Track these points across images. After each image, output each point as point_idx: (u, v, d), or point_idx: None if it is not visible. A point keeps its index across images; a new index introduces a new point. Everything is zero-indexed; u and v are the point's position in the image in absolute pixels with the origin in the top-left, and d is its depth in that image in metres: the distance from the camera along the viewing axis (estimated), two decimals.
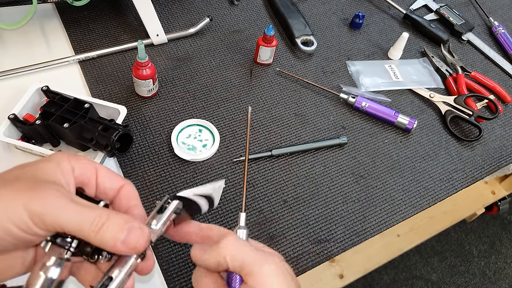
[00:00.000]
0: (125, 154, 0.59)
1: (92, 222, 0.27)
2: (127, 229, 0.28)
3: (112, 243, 0.28)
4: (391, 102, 0.72)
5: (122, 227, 0.28)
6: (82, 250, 0.30)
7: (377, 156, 0.66)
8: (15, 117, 0.54)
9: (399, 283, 1.42)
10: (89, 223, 0.27)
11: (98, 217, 0.28)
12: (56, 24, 0.72)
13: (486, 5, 0.92)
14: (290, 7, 0.80)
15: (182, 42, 0.74)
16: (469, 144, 0.70)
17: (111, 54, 0.69)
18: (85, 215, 0.28)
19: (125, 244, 0.28)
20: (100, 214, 0.28)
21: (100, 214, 0.28)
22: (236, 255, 0.32)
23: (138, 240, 0.28)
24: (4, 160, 0.56)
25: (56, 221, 0.27)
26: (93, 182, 0.32)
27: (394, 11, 0.87)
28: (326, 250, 0.56)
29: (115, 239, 0.27)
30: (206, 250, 0.34)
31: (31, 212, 0.26)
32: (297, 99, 0.70)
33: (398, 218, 0.60)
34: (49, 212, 0.27)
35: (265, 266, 0.32)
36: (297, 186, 0.60)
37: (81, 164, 0.32)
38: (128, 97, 0.65)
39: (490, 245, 1.55)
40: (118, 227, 0.28)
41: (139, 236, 0.29)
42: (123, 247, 0.28)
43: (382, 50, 0.80)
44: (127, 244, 0.28)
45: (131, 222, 0.29)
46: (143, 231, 0.29)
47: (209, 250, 0.33)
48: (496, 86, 0.76)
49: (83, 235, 0.28)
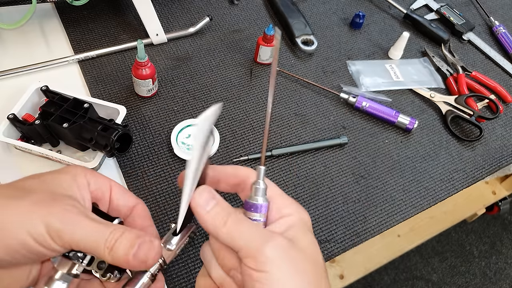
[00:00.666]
0: (125, 154, 0.59)
1: (107, 239, 0.27)
2: (138, 244, 0.28)
3: (124, 259, 0.27)
4: (391, 102, 0.72)
5: (134, 242, 0.28)
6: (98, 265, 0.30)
7: (377, 156, 0.65)
8: (14, 117, 0.54)
9: (400, 284, 1.41)
10: (104, 240, 0.27)
11: (112, 234, 0.28)
12: (55, 24, 0.72)
13: (486, 4, 0.92)
14: (290, 7, 0.79)
15: (182, 42, 0.73)
16: (469, 144, 0.69)
17: (111, 54, 0.69)
18: (100, 232, 0.27)
19: (136, 257, 0.27)
20: (114, 231, 0.28)
21: (114, 231, 0.28)
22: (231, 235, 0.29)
23: (148, 253, 0.28)
24: (3, 160, 0.56)
25: (73, 239, 0.27)
26: (107, 198, 0.32)
27: (394, 10, 0.87)
28: (326, 250, 0.56)
29: (127, 254, 0.27)
30: None
31: (49, 227, 0.26)
32: (297, 99, 0.70)
33: (398, 218, 0.60)
34: (66, 229, 0.27)
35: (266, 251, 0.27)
36: (297, 186, 0.60)
37: (97, 179, 0.32)
38: (128, 97, 0.65)
39: (490, 246, 1.54)
40: (130, 242, 0.28)
41: (149, 250, 0.28)
42: (134, 261, 0.27)
43: (383, 50, 0.80)
44: (138, 257, 0.27)
45: (143, 237, 0.28)
46: (153, 244, 0.28)
47: None
48: (497, 86, 0.76)
49: (97, 253, 0.27)
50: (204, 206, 0.29)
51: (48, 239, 0.26)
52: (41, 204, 0.27)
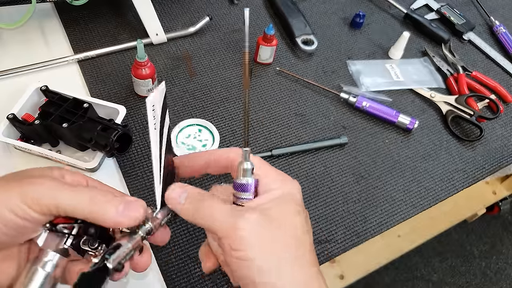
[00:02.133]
0: (125, 154, 0.59)
1: (92, 199, 0.28)
2: (125, 202, 0.29)
3: (113, 215, 0.28)
4: (392, 102, 0.71)
5: (120, 200, 0.29)
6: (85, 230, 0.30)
7: (377, 156, 0.65)
8: (14, 117, 0.54)
9: (400, 284, 1.41)
10: (88, 199, 0.28)
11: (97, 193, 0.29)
12: (55, 24, 0.72)
13: (487, 4, 0.92)
14: (290, 6, 0.79)
15: (182, 42, 0.73)
16: (470, 144, 0.69)
17: (110, 54, 0.69)
18: (83, 193, 0.29)
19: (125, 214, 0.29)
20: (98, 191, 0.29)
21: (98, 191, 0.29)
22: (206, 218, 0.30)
23: (137, 210, 0.30)
24: (3, 160, 0.56)
25: (53, 202, 0.27)
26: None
27: (395, 10, 0.86)
28: (326, 250, 0.56)
29: (115, 211, 0.29)
30: None
31: (26, 197, 0.27)
32: (297, 98, 0.70)
33: (398, 218, 0.60)
34: (44, 194, 0.27)
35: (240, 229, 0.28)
36: None
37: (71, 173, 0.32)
38: (128, 97, 0.65)
39: (491, 246, 1.54)
40: (117, 201, 0.29)
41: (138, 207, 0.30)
42: (123, 217, 0.29)
43: (383, 50, 0.80)
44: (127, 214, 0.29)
45: (128, 197, 0.30)
46: (139, 203, 0.30)
47: None
48: (497, 86, 0.76)
49: (82, 212, 0.28)
50: (177, 200, 0.31)
51: (26, 209, 0.27)
52: (15, 180, 0.28)
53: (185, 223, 0.54)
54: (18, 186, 0.28)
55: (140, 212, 0.30)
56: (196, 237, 0.53)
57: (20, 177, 0.29)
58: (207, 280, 0.51)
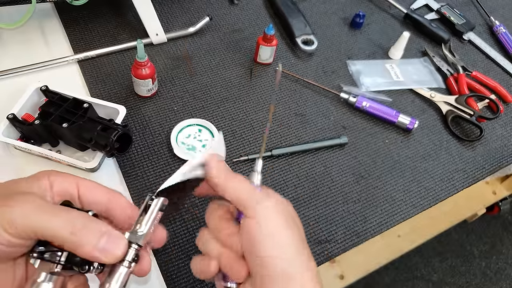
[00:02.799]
0: (125, 154, 0.59)
1: (70, 226, 0.27)
2: (107, 234, 0.28)
3: (88, 249, 0.27)
4: (392, 102, 0.71)
5: (102, 232, 0.28)
6: (71, 260, 0.29)
7: (377, 156, 0.65)
8: (14, 117, 0.54)
9: (400, 284, 1.41)
10: (66, 226, 0.27)
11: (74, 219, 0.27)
12: (55, 24, 0.72)
13: (487, 4, 0.92)
14: (290, 6, 0.79)
15: (182, 42, 0.73)
16: (470, 144, 0.69)
17: (110, 54, 0.69)
18: (61, 218, 0.27)
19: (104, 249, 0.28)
20: (76, 217, 0.28)
21: (77, 217, 0.28)
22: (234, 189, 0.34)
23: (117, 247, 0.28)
24: (3, 160, 0.56)
25: (29, 226, 0.26)
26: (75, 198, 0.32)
27: (395, 10, 0.86)
28: (326, 250, 0.56)
29: (91, 245, 0.27)
30: None
31: (2, 220, 0.26)
32: (297, 98, 0.70)
33: (398, 218, 0.60)
34: (21, 218, 0.26)
35: (261, 203, 0.33)
36: (297, 186, 0.60)
37: (62, 180, 0.31)
38: (128, 97, 0.65)
39: (491, 246, 1.54)
40: (98, 232, 0.28)
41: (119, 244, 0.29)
42: (101, 253, 0.28)
43: (383, 50, 0.80)
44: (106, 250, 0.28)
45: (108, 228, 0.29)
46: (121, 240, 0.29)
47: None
48: (497, 86, 0.76)
49: (60, 239, 0.27)
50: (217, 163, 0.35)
51: (2, 232, 0.26)
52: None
53: (185, 222, 0.54)
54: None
55: (121, 250, 0.29)
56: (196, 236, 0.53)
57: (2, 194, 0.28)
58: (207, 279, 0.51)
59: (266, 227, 0.32)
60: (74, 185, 0.32)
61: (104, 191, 0.33)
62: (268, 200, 0.34)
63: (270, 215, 0.33)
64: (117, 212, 0.33)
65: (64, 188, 0.31)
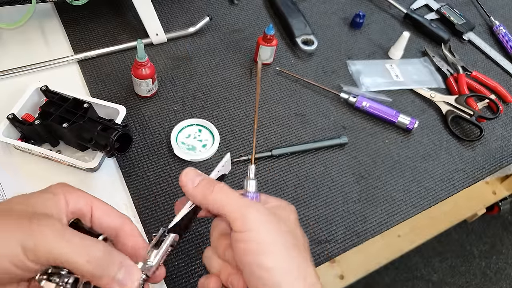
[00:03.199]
0: (125, 154, 0.59)
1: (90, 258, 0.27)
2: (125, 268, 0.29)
3: (107, 280, 0.28)
4: (391, 102, 0.71)
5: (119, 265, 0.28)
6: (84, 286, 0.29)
7: (377, 156, 0.65)
8: (14, 117, 0.54)
9: (400, 284, 1.41)
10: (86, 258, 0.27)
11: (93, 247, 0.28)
12: (55, 24, 0.72)
13: (487, 4, 0.92)
14: (290, 6, 0.79)
15: (182, 42, 0.73)
16: (470, 144, 0.69)
17: (111, 54, 0.69)
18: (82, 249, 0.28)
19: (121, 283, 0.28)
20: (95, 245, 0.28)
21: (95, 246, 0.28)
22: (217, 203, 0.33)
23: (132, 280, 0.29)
24: (3, 160, 0.56)
25: (48, 252, 0.27)
26: (88, 218, 0.32)
27: (394, 10, 0.86)
28: (326, 250, 0.56)
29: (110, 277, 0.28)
30: None
31: (25, 248, 0.26)
32: (297, 98, 0.70)
33: (398, 218, 0.60)
34: (40, 244, 0.27)
35: (247, 214, 0.32)
36: (297, 186, 0.60)
37: (77, 199, 0.31)
38: (128, 97, 0.65)
39: (491, 246, 1.54)
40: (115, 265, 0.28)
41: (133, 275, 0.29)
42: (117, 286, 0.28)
43: (383, 50, 0.80)
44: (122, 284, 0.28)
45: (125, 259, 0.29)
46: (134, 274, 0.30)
47: None
48: (497, 86, 0.76)
49: (80, 269, 0.27)
50: (191, 182, 0.34)
51: (24, 260, 0.27)
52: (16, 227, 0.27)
53: None
54: (19, 232, 0.27)
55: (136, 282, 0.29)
56: (196, 237, 0.54)
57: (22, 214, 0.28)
58: None
59: (251, 239, 0.31)
60: (89, 206, 0.32)
61: (118, 215, 0.33)
62: (254, 209, 0.32)
63: (256, 225, 0.31)
64: (127, 239, 0.33)
65: (79, 208, 0.31)
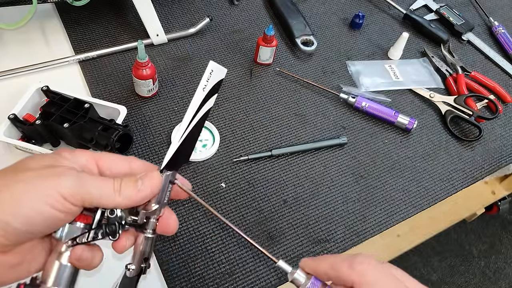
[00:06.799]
0: (125, 154, 0.59)
1: (113, 186, 0.31)
2: (140, 179, 0.32)
3: (134, 193, 0.31)
4: (391, 102, 0.72)
5: (136, 180, 0.32)
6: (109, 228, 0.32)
7: (377, 156, 0.66)
8: (15, 117, 0.54)
9: None
10: (112, 187, 0.31)
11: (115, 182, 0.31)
12: (56, 24, 0.72)
13: (486, 5, 0.92)
14: (290, 7, 0.80)
15: (182, 42, 0.74)
16: (469, 144, 0.70)
17: (111, 54, 0.69)
18: (105, 183, 0.31)
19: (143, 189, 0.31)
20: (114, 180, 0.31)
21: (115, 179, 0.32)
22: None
23: (152, 182, 0.32)
24: (4, 160, 0.56)
25: (86, 193, 0.29)
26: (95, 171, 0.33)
27: (394, 11, 0.87)
28: (326, 250, 0.56)
29: (135, 190, 0.31)
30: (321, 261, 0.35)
31: (62, 190, 0.28)
32: (297, 99, 0.70)
33: (398, 218, 0.60)
34: (77, 186, 0.29)
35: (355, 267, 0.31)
36: (297, 186, 0.60)
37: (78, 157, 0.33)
38: (128, 97, 0.65)
39: (490, 245, 1.54)
40: (133, 182, 0.32)
41: (152, 179, 0.32)
42: (144, 191, 0.32)
43: (382, 50, 0.80)
44: (145, 188, 0.32)
45: (140, 174, 0.33)
46: (153, 174, 0.33)
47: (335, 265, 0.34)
48: (496, 86, 0.76)
49: (108, 200, 0.30)
50: None
51: (64, 202, 0.28)
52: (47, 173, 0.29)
53: (185, 222, 0.54)
54: (52, 177, 0.28)
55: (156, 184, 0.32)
56: (196, 236, 0.54)
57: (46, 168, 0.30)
58: (207, 279, 0.51)
59: None
60: (93, 160, 0.33)
61: (123, 159, 0.35)
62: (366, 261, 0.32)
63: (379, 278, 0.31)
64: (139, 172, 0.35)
65: (83, 164, 0.32)
